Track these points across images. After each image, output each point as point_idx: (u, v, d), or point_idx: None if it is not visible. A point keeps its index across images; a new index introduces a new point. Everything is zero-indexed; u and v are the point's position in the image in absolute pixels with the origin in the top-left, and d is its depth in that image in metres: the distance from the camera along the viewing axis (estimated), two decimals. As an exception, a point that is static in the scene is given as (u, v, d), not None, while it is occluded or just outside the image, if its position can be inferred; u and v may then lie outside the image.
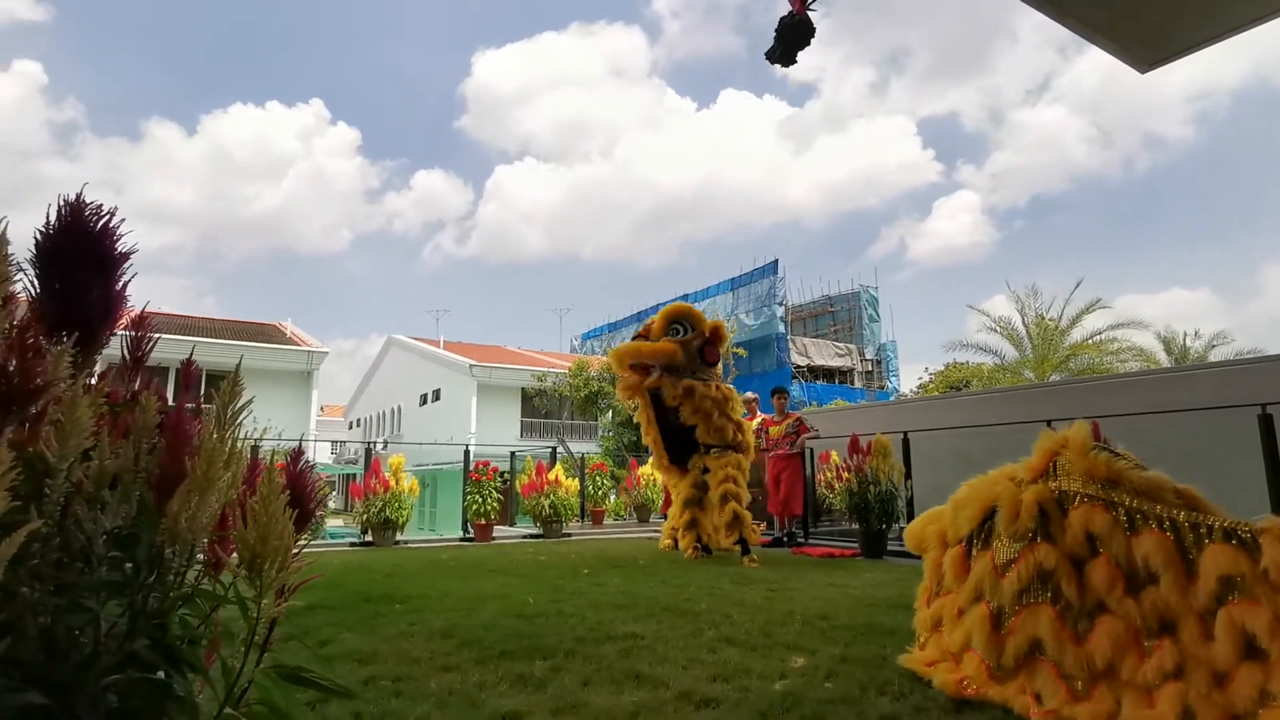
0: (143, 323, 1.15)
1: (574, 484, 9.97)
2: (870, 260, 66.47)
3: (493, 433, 24.48)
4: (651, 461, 7.09)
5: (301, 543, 1.06)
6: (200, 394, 1.23)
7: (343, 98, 70.04)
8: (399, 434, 29.92)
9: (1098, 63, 46.66)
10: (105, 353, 1.09)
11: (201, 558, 1.00)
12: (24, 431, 0.84)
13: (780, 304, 27.75)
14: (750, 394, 8.64)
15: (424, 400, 29.63)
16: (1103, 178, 48.96)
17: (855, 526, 7.12)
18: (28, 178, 49.49)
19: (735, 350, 20.85)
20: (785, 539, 7.89)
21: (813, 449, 8.18)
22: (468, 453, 10.02)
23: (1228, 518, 2.03)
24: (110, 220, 1.03)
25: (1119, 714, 1.98)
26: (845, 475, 7.02)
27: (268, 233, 65.45)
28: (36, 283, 1.01)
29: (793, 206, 57.15)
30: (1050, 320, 22.09)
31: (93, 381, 1.04)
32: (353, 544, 8.39)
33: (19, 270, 0.97)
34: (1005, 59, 52.57)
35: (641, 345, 6.41)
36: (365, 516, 8.23)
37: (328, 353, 23.79)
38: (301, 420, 21.64)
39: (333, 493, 19.26)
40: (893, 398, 26.90)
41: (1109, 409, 6.58)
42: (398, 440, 27.79)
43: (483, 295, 70.29)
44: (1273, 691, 1.79)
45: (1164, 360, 21.34)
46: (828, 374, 28.78)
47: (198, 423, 0.98)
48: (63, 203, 1.01)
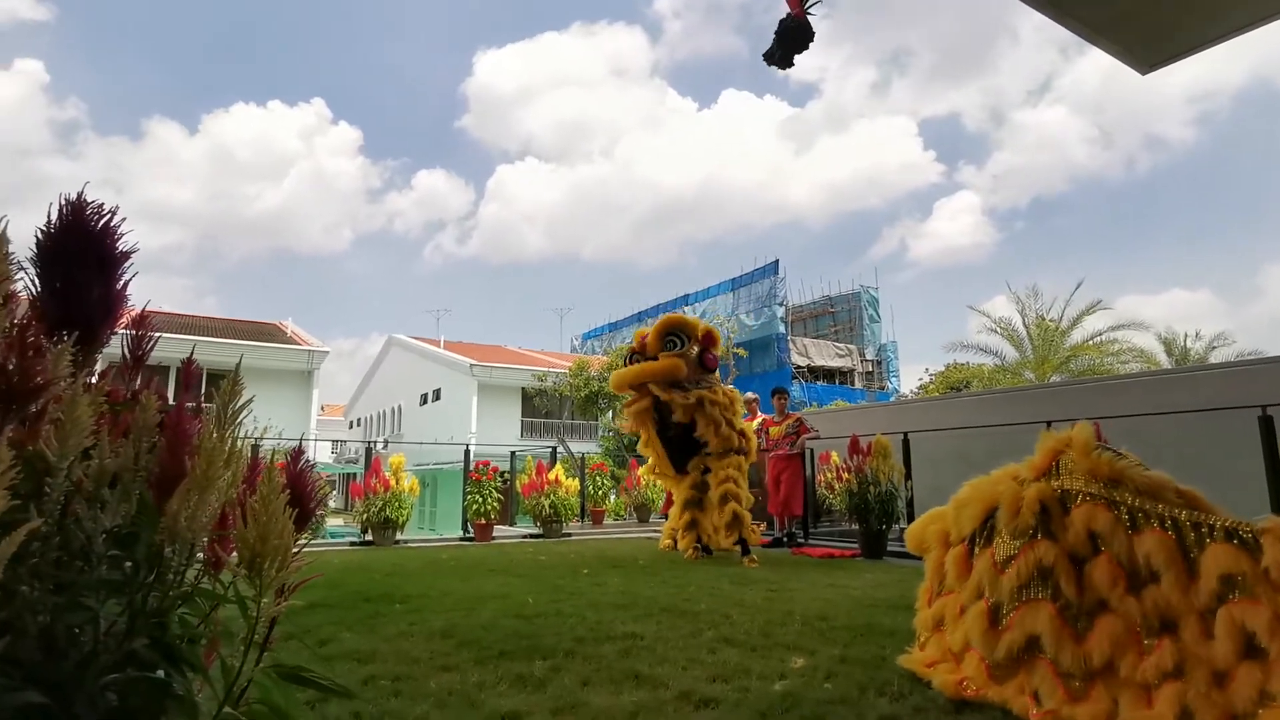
0: (143, 322, 1.15)
1: (574, 484, 9.97)
2: (871, 261, 66.51)
3: (493, 432, 24.49)
4: (650, 465, 7.07)
5: (301, 542, 1.06)
6: (201, 393, 1.23)
7: (344, 97, 70.18)
8: (399, 433, 29.92)
9: (1099, 63, 46.67)
10: (106, 352, 1.09)
11: (201, 557, 1.00)
12: (24, 430, 0.84)
13: (781, 304, 27.76)
14: (751, 394, 8.65)
15: (424, 400, 29.64)
16: (1104, 178, 48.99)
17: (855, 527, 7.12)
18: (29, 176, 49.57)
19: (736, 350, 20.86)
20: (785, 539, 7.90)
21: (813, 449, 8.18)
22: (468, 452, 10.02)
23: (1229, 517, 2.02)
24: (111, 219, 1.03)
25: (1117, 714, 1.98)
26: (845, 476, 7.02)
27: (269, 232, 65.55)
28: (37, 281, 1.01)
29: (794, 207, 57.18)
30: (1051, 321, 22.09)
31: (93, 380, 1.04)
32: (353, 543, 8.40)
33: (20, 269, 0.97)
34: (1007, 59, 52.60)
35: (646, 367, 6.26)
36: (365, 516, 8.23)
37: (328, 352, 23.80)
38: (302, 420, 21.64)
39: (333, 492, 19.26)
40: (893, 398, 26.89)
41: (1110, 410, 6.58)
42: (398, 440, 27.80)
43: (483, 295, 70.36)
44: (1272, 691, 1.78)
45: (1165, 361, 21.34)
46: (828, 374, 28.78)
47: (198, 422, 0.98)
48: (64, 202, 1.01)
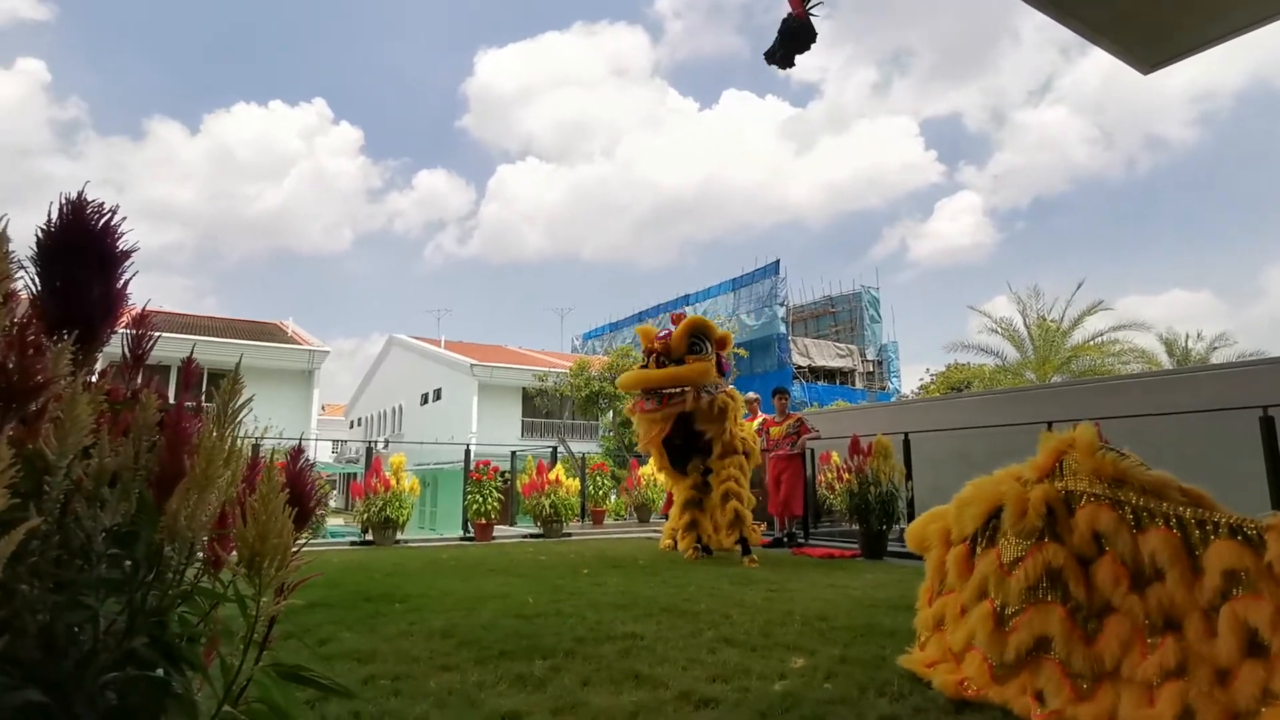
0: (143, 321, 1.15)
1: (574, 484, 9.97)
2: (872, 261, 66.48)
3: (493, 432, 24.49)
4: (652, 462, 7.07)
5: (301, 541, 1.06)
6: (201, 392, 1.23)
7: (345, 97, 70.27)
8: (400, 433, 29.93)
9: (1100, 64, 46.61)
10: (106, 351, 1.10)
11: (201, 555, 1.00)
12: (24, 428, 0.84)
13: (781, 304, 27.75)
14: (752, 394, 8.65)
15: (425, 400, 29.64)
16: (1104, 179, 48.97)
17: (855, 527, 7.11)
18: (30, 176, 49.61)
19: (737, 351, 20.85)
20: (785, 539, 7.90)
21: (813, 450, 8.18)
22: (468, 452, 10.02)
23: (1234, 514, 2.02)
24: (111, 218, 1.03)
25: (1119, 713, 1.98)
26: (846, 476, 7.01)
27: (269, 232, 65.61)
28: (37, 280, 1.01)
29: (794, 207, 57.18)
30: (1052, 321, 22.09)
31: (93, 379, 1.04)
32: (353, 543, 8.40)
33: (20, 268, 0.97)
34: (1008, 59, 52.60)
35: (681, 372, 6.10)
36: (366, 515, 8.23)
37: (329, 352, 23.79)
38: (303, 419, 21.64)
39: (333, 492, 19.27)
40: (894, 399, 26.89)
41: (1110, 410, 6.57)
42: (399, 439, 27.80)
43: (484, 295, 70.39)
44: (1275, 690, 1.78)
45: (1166, 362, 21.33)
46: (829, 375, 28.77)
47: (197, 421, 0.98)
48: (64, 201, 1.01)
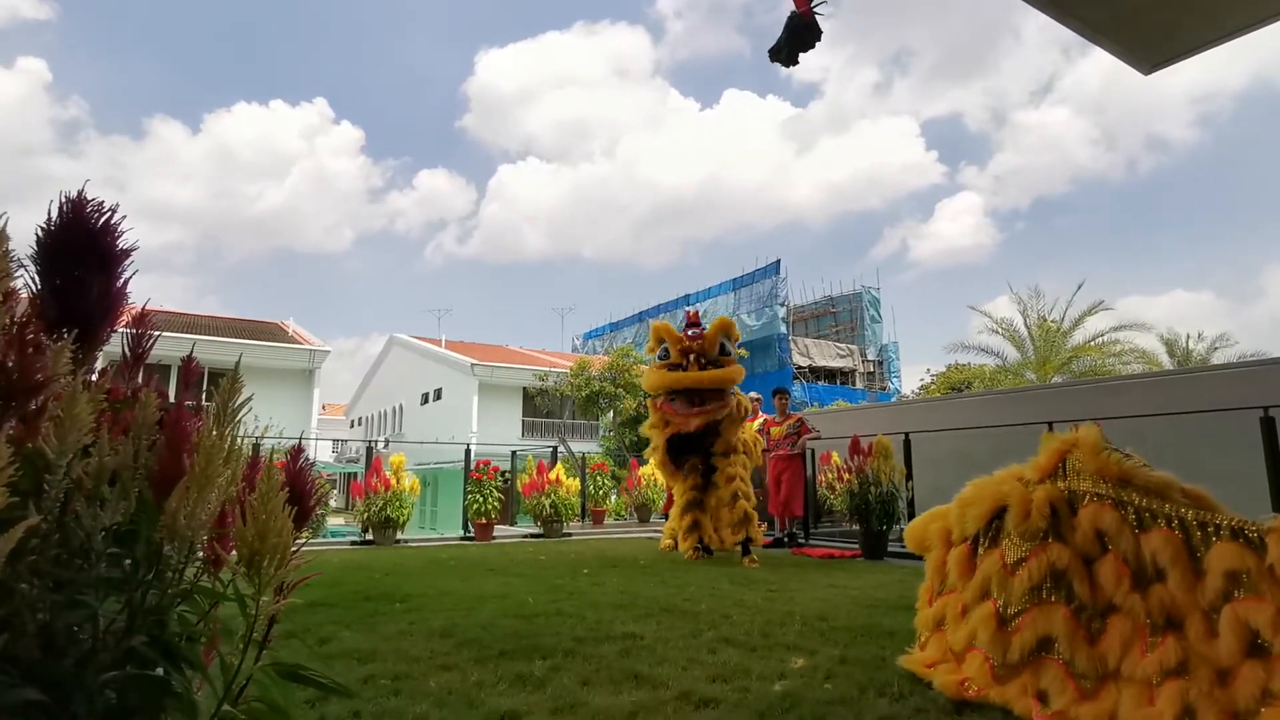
0: (143, 320, 1.15)
1: (575, 484, 9.97)
2: (872, 261, 66.44)
3: (494, 432, 24.49)
4: (653, 462, 7.08)
5: (300, 540, 1.06)
6: (202, 391, 1.23)
7: (346, 97, 70.33)
8: (400, 433, 29.94)
9: (1101, 64, 46.56)
10: (106, 350, 1.09)
11: (200, 555, 1.00)
12: (24, 427, 0.84)
13: (782, 304, 27.76)
14: (753, 394, 8.64)
15: (425, 399, 29.64)
16: (1106, 179, 48.98)
17: (856, 528, 7.11)
18: (31, 175, 49.63)
19: (738, 351, 20.82)
20: (786, 540, 7.89)
21: (814, 450, 8.18)
22: (469, 452, 10.02)
23: (1235, 517, 2.03)
24: (111, 217, 1.03)
25: (1120, 712, 1.98)
26: (846, 476, 7.01)
27: (270, 231, 65.64)
28: (37, 279, 1.01)
29: (795, 207, 57.17)
30: (1052, 322, 22.08)
31: (93, 378, 1.04)
32: (353, 542, 8.40)
33: (20, 266, 0.97)
34: (1009, 60, 52.60)
35: (727, 374, 6.36)
36: (366, 515, 8.23)
37: (329, 351, 23.80)
38: (303, 418, 21.65)
39: (334, 491, 19.27)
40: (894, 399, 26.88)
41: (1111, 411, 6.57)
42: (399, 439, 27.80)
43: (484, 295, 70.39)
44: (1275, 690, 1.78)
45: (1166, 362, 21.32)
46: (829, 375, 28.77)
47: (197, 420, 0.98)
48: (64, 199, 1.01)
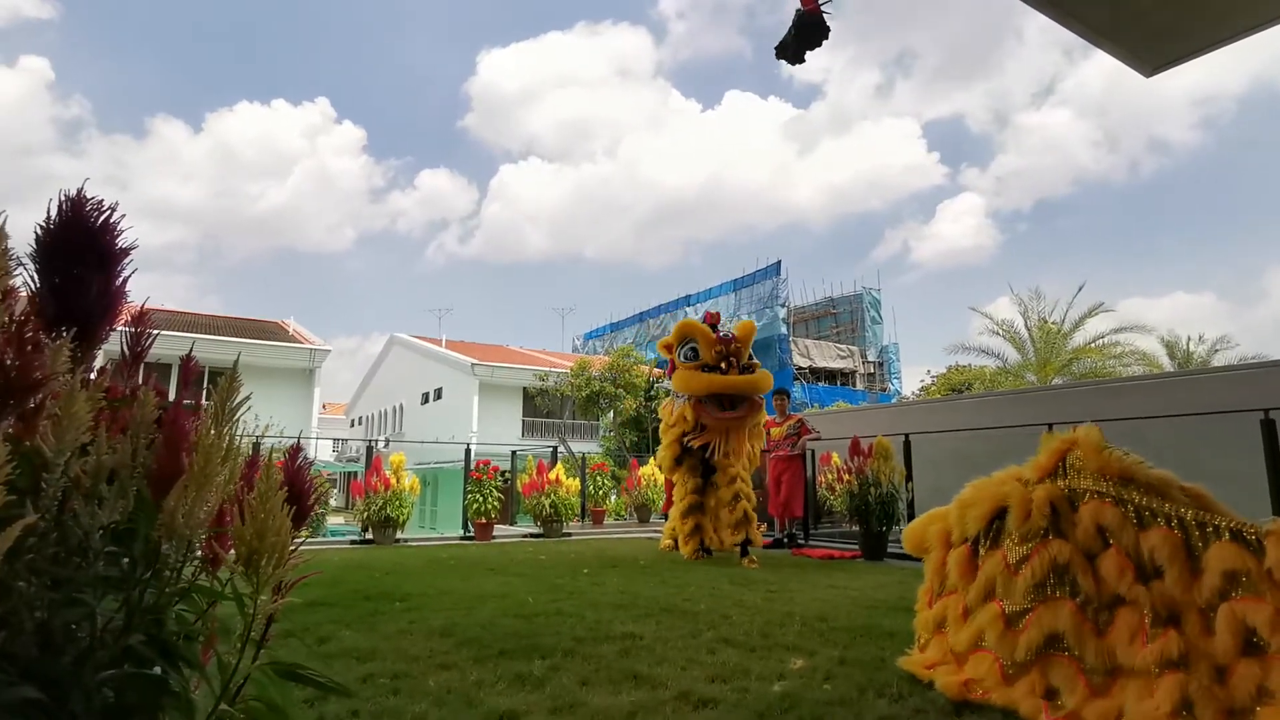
0: (142, 318, 1.15)
1: (575, 484, 9.98)
2: (873, 262, 66.46)
3: (494, 432, 24.49)
4: (654, 461, 7.10)
5: (299, 539, 1.06)
6: (202, 390, 1.23)
7: (348, 96, 70.42)
8: (401, 432, 29.94)
9: (1103, 66, 46.52)
10: (106, 348, 1.09)
11: (199, 553, 1.00)
12: (21, 425, 0.84)
13: (783, 305, 27.76)
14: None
15: (426, 399, 29.64)
16: (1107, 181, 49.03)
17: (856, 528, 7.11)
18: (33, 174, 49.68)
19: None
20: (785, 540, 7.89)
21: (814, 451, 8.18)
22: (469, 451, 10.02)
23: (1235, 517, 2.04)
24: (110, 215, 1.03)
25: (1125, 708, 1.97)
26: (846, 477, 7.01)
27: (272, 231, 65.71)
28: (36, 277, 1.01)
29: (796, 208, 57.21)
30: (1053, 324, 22.08)
31: (91, 376, 1.04)
32: (353, 542, 8.40)
33: (19, 265, 0.97)
34: (1011, 61, 52.66)
35: (764, 380, 6.38)
36: (366, 514, 8.24)
37: (330, 350, 23.79)
38: (303, 418, 21.65)
39: (334, 490, 19.28)
40: (894, 400, 26.87)
41: (1111, 413, 6.56)
42: (399, 438, 27.80)
43: (485, 294, 70.43)
44: (1271, 689, 1.79)
45: (1167, 364, 21.30)
46: (830, 376, 28.78)
47: (196, 419, 0.98)
48: (63, 198, 1.01)
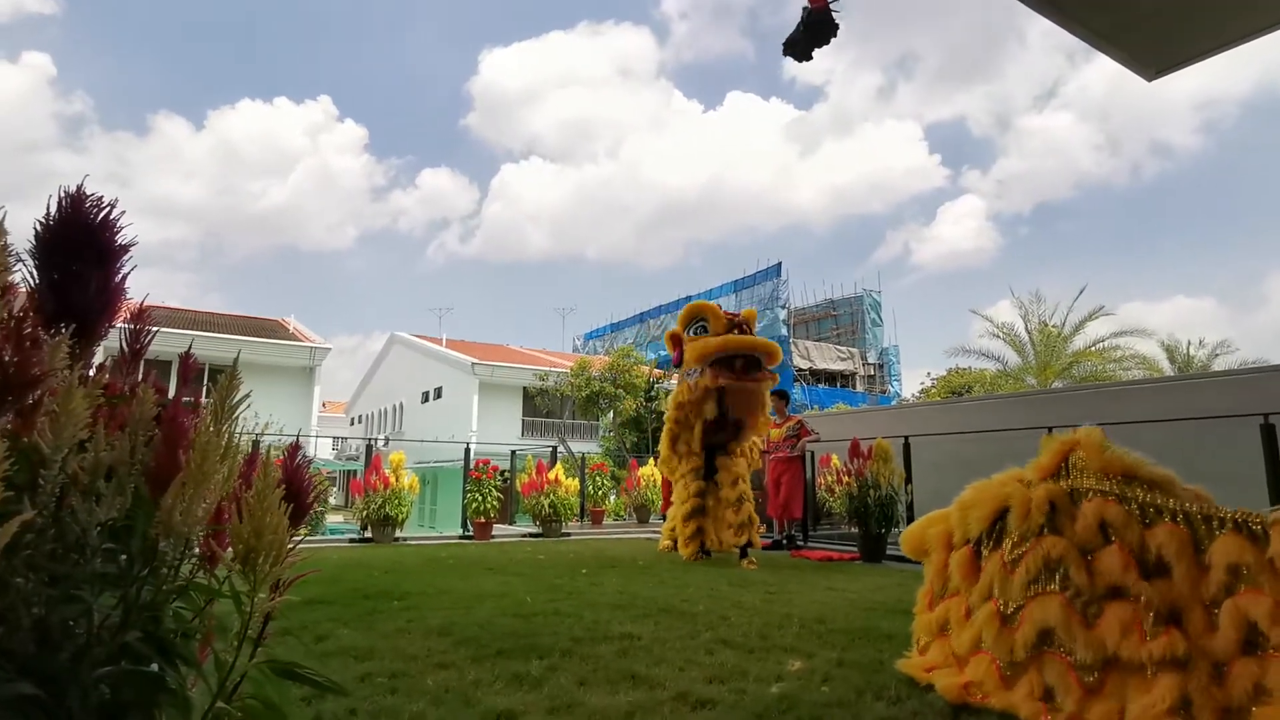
0: (142, 315, 1.14)
1: (574, 484, 9.98)
2: (874, 264, 66.58)
3: (494, 431, 24.49)
4: (654, 460, 7.10)
5: (297, 537, 1.06)
6: (202, 388, 1.23)
7: (350, 95, 70.50)
8: (400, 431, 29.94)
9: (1105, 70, 46.53)
10: (106, 345, 1.09)
11: (196, 551, 1.00)
12: (19, 421, 0.84)
13: (783, 306, 27.78)
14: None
15: (426, 398, 29.65)
16: (1109, 185, 49.09)
17: (855, 530, 7.11)
18: (34, 170, 49.71)
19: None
20: (784, 542, 7.89)
21: (813, 452, 8.18)
22: (468, 451, 10.02)
23: (1239, 510, 2.03)
24: (110, 212, 1.03)
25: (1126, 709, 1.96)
26: (845, 479, 7.01)
27: (273, 229, 65.81)
28: (35, 273, 1.01)
29: (798, 209, 57.27)
30: (1053, 327, 22.07)
31: (90, 373, 1.04)
32: (352, 540, 8.40)
33: (18, 261, 0.97)
34: (1013, 65, 52.72)
35: (775, 346, 6.46)
36: (365, 513, 8.24)
37: (330, 349, 23.77)
38: (303, 416, 21.65)
39: (333, 488, 19.27)
40: (894, 402, 26.87)
41: (1111, 416, 6.56)
42: (399, 437, 27.80)
43: (486, 294, 70.51)
44: (1268, 687, 1.78)
45: (1167, 368, 21.29)
46: (829, 377, 28.78)
47: (194, 416, 0.98)
48: (63, 194, 1.01)
